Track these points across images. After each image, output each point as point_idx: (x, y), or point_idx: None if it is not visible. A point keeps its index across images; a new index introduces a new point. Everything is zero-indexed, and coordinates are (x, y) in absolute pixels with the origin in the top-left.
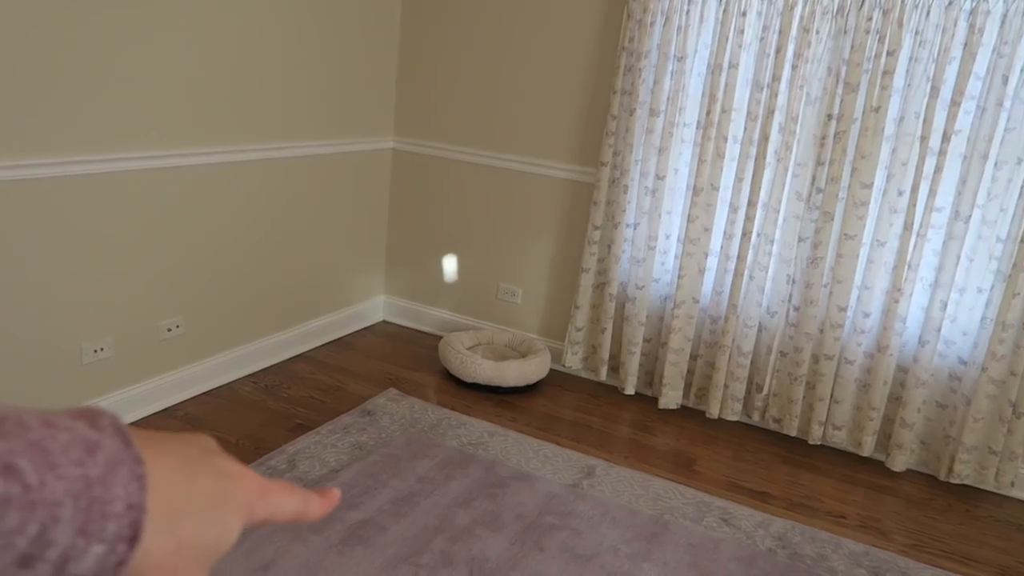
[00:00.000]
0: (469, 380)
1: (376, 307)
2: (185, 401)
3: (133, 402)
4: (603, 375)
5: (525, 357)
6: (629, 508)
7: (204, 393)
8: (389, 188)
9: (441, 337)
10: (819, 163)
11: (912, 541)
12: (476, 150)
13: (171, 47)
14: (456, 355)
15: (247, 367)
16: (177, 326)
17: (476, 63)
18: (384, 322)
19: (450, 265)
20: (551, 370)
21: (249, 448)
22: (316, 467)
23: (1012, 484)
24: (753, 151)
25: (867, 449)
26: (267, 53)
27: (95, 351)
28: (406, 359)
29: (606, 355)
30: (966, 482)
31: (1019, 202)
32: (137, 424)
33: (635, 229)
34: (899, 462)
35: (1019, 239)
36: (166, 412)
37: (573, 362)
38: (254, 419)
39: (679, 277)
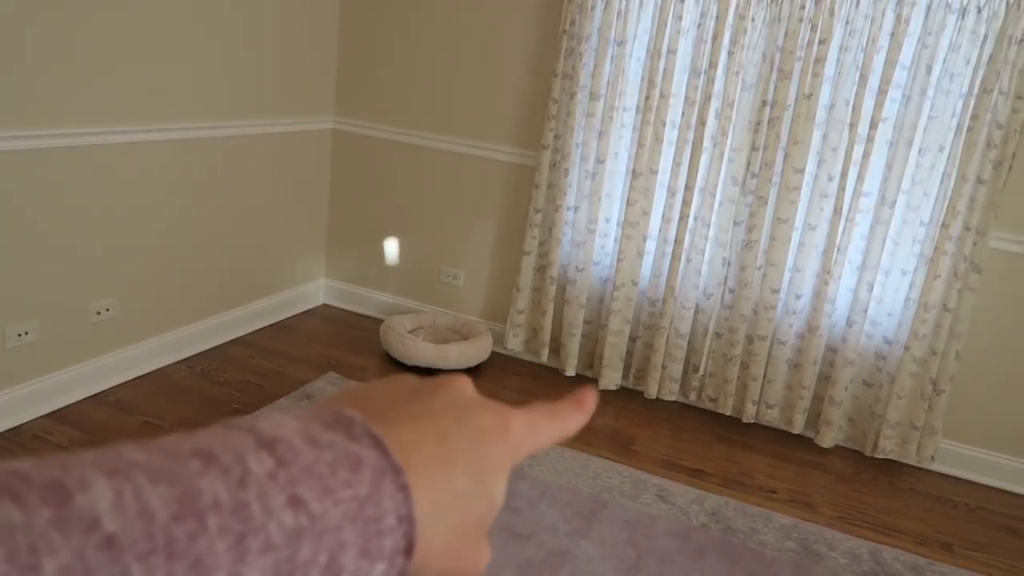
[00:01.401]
0: (410, 363)
1: (317, 290)
2: (117, 386)
3: (61, 387)
4: (544, 357)
5: (467, 340)
6: (568, 487)
7: (137, 378)
8: (330, 169)
9: (383, 320)
10: (754, 148)
11: (839, 514)
12: (418, 132)
13: (100, 23)
14: (397, 338)
15: (182, 351)
16: (108, 309)
17: (418, 43)
18: (325, 305)
19: (392, 248)
20: (493, 352)
21: None
22: None
23: (932, 458)
24: (691, 136)
25: (798, 427)
26: (201, 29)
27: (19, 335)
28: (347, 342)
29: (547, 337)
30: (890, 457)
31: (940, 188)
32: (63, 412)
33: (576, 212)
34: (828, 439)
35: (940, 223)
36: (96, 398)
37: (515, 344)
38: (189, 404)
39: (618, 260)
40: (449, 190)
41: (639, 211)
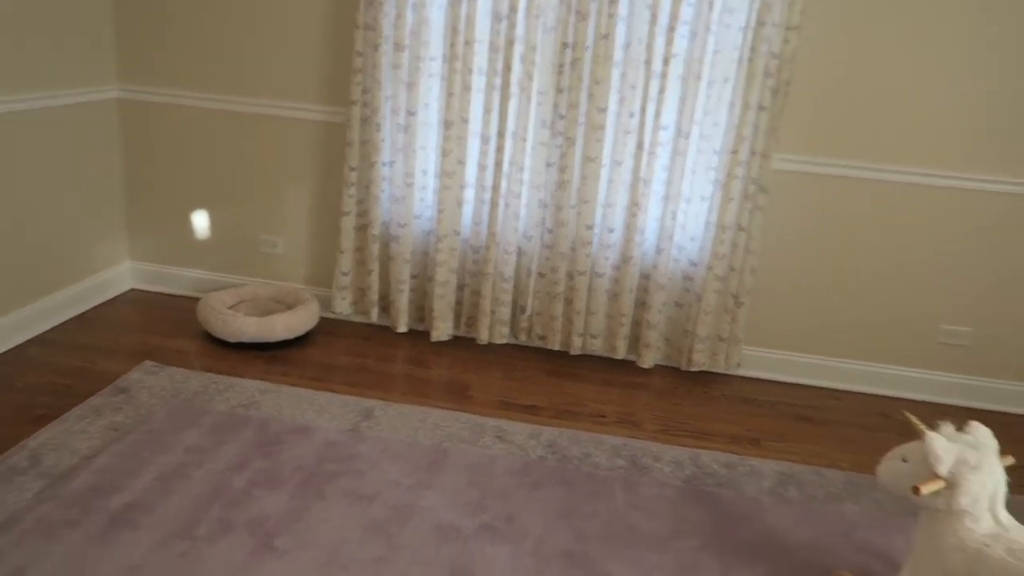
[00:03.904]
0: (234, 340)
1: (121, 275)
2: None
3: None
4: (374, 316)
5: (292, 309)
6: (408, 442)
7: None
8: (121, 142)
9: (199, 299)
10: (559, 90)
11: (661, 427)
12: (216, 95)
13: None
14: (217, 315)
15: None
16: None
17: None
18: (133, 290)
19: (201, 221)
20: (321, 318)
21: None
22: (66, 457)
23: (739, 365)
24: (498, 82)
25: (621, 352)
26: None
27: None
28: (161, 327)
29: (375, 296)
30: (703, 368)
31: (728, 118)
32: None
33: (392, 167)
34: (648, 359)
35: (730, 150)
36: None
37: (343, 307)
38: None
39: (439, 212)
40: (257, 154)
41: (454, 161)
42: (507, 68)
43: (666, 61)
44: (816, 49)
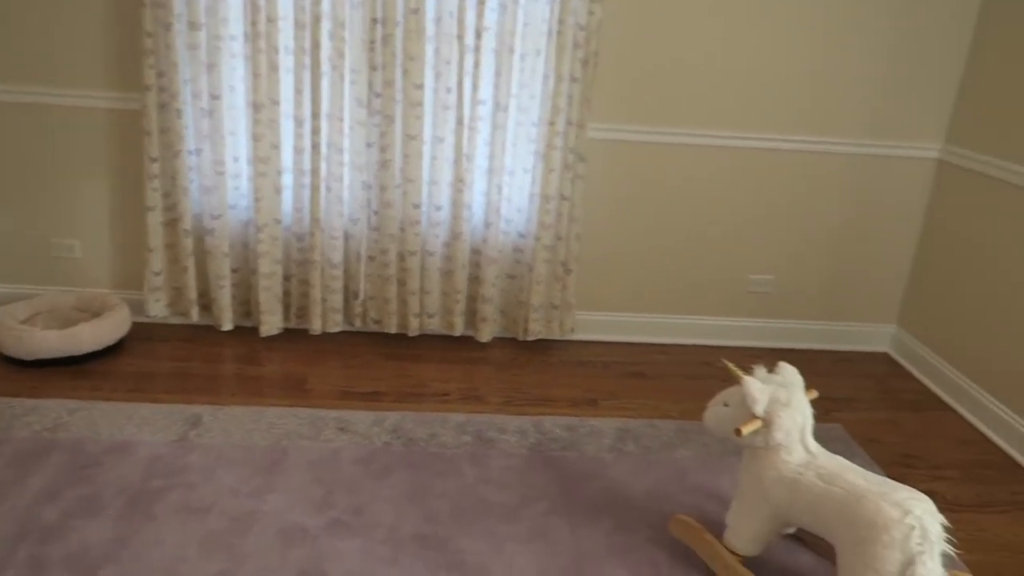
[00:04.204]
0: (31, 358)
1: None
2: None
3: None
4: (195, 316)
5: (99, 316)
6: (244, 446)
7: None
8: None
9: None
10: (372, 68)
11: (504, 399)
12: None
13: None
14: (9, 332)
15: None
16: None
17: None
18: None
19: None
20: (134, 324)
21: None
22: None
23: (572, 330)
24: (307, 61)
25: (459, 329)
26: None
27: None
28: None
29: (194, 295)
30: (540, 337)
31: (543, 90)
32: None
33: (199, 156)
34: (485, 333)
35: (548, 122)
36: None
37: (158, 310)
38: None
39: (256, 200)
40: (40, 150)
41: (268, 145)
42: (315, 46)
43: (478, 35)
44: (621, 20)
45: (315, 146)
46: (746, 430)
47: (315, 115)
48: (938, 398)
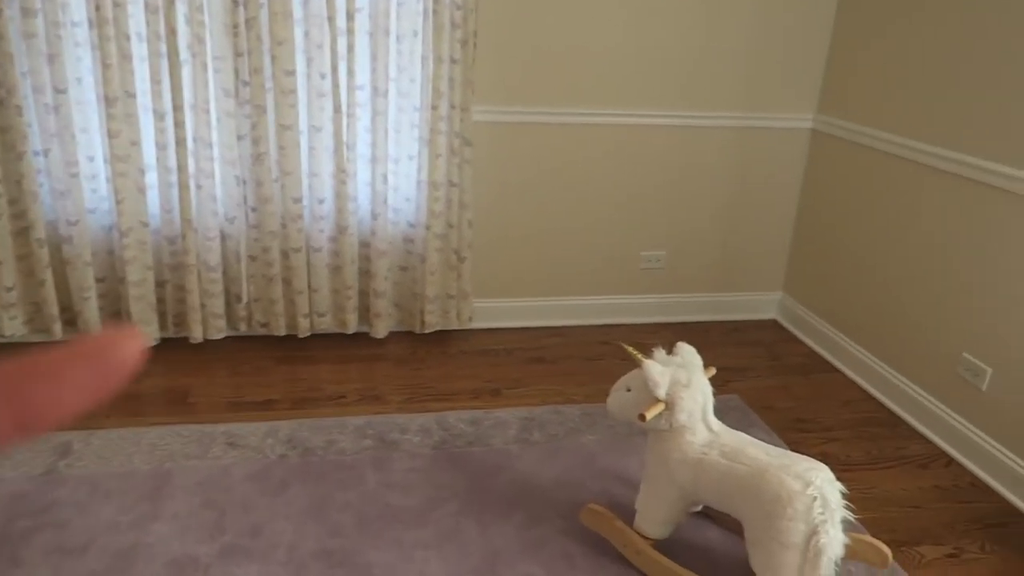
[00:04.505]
0: None
1: None
2: None
3: None
4: (58, 333)
5: None
6: (122, 473)
7: None
8: None
9: None
10: (237, 54)
11: (404, 397)
12: None
13: None
14: None
15: None
16: None
17: None
18: None
19: None
20: None
21: None
22: None
23: (471, 319)
24: (163, 48)
25: (352, 326)
26: None
27: None
28: None
29: (55, 309)
30: (437, 328)
31: (423, 73)
32: None
33: (47, 157)
34: (381, 329)
35: (431, 107)
36: None
37: (14, 328)
38: None
39: (118, 202)
40: None
41: (126, 142)
42: (171, 32)
43: (350, 16)
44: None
45: (180, 141)
46: (649, 414)
47: (177, 107)
48: (825, 360)
